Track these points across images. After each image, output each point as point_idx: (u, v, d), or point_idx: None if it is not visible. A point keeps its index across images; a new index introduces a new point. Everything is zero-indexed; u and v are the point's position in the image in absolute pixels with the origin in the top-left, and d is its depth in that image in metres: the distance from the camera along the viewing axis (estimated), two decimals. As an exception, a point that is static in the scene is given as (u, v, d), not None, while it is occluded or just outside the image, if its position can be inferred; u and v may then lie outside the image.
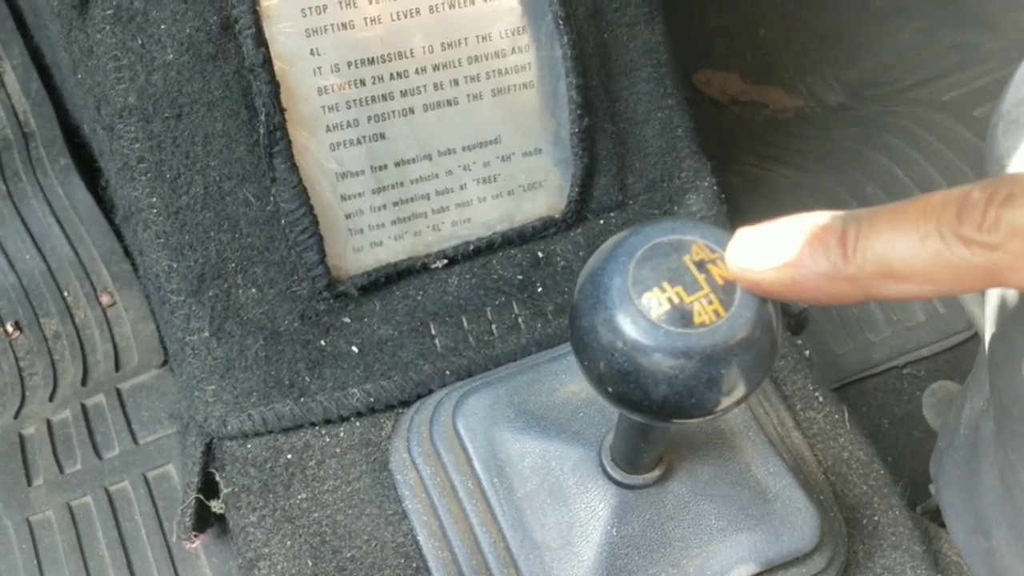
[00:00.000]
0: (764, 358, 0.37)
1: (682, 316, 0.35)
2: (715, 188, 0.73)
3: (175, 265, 0.63)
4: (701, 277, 0.35)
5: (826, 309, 0.87)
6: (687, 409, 0.36)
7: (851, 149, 1.00)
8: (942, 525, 0.67)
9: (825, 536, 0.58)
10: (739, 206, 0.86)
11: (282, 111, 0.62)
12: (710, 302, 0.35)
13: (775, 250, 0.33)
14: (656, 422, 0.41)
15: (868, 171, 0.96)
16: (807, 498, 0.57)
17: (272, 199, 0.64)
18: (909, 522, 0.64)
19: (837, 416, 0.67)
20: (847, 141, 1.02)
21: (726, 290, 0.35)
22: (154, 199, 0.63)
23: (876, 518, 0.64)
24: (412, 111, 0.66)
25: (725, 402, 0.37)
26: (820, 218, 0.33)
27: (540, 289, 0.69)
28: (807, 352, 0.74)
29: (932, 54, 1.14)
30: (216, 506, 0.65)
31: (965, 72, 1.10)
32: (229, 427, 0.63)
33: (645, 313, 0.35)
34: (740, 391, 0.37)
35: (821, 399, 0.68)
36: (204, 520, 0.68)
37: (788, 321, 0.74)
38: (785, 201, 0.94)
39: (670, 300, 0.35)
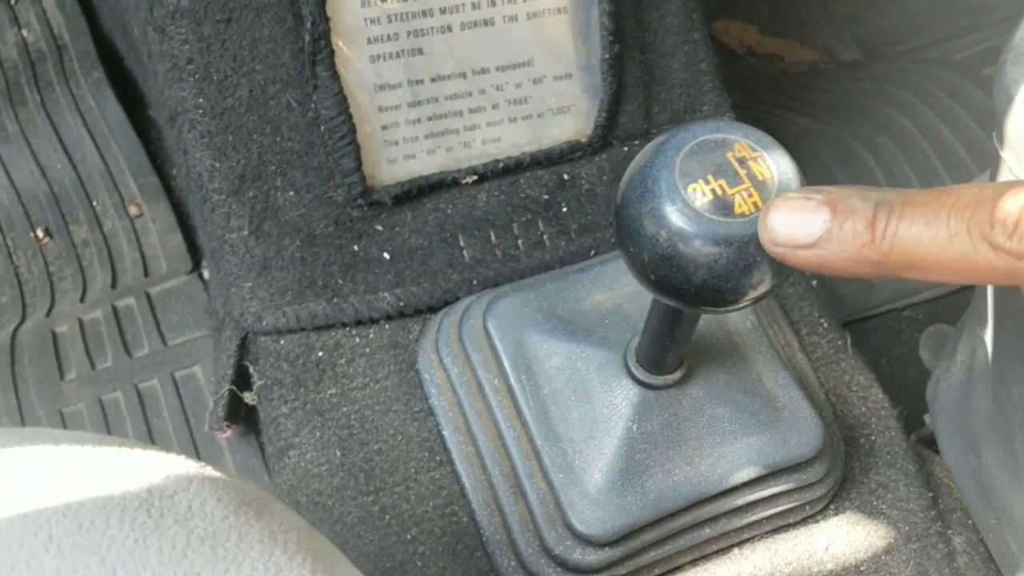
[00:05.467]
0: None
1: (724, 206, 0.38)
2: (734, 124, 0.76)
3: (218, 165, 0.66)
4: (742, 172, 0.38)
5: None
6: (721, 294, 0.39)
7: (862, 102, 1.03)
8: (935, 452, 0.71)
9: (826, 447, 0.62)
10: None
11: (327, 20, 0.65)
12: (750, 195, 0.38)
13: (805, 230, 0.35)
14: (691, 308, 0.44)
15: (878, 123, 0.98)
16: (812, 409, 0.60)
17: (313, 105, 0.66)
18: (904, 443, 0.68)
19: (840, 342, 0.71)
20: (859, 95, 1.05)
21: (764, 185, 0.38)
22: (201, 100, 0.65)
23: (873, 438, 0.68)
24: (450, 29, 0.68)
25: (753, 292, 0.40)
26: (852, 199, 0.33)
27: (565, 209, 0.71)
28: (813, 282, 0.77)
29: (946, 15, 1.16)
30: (249, 398, 0.68)
31: (977, 34, 1.12)
32: (264, 323, 0.66)
33: (690, 202, 0.38)
34: (768, 282, 0.40)
35: (825, 325, 0.71)
36: (235, 413, 0.71)
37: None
38: (797, 149, 0.96)
39: (713, 192, 0.38)
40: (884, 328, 0.90)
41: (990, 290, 0.58)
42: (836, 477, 0.64)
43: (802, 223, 0.35)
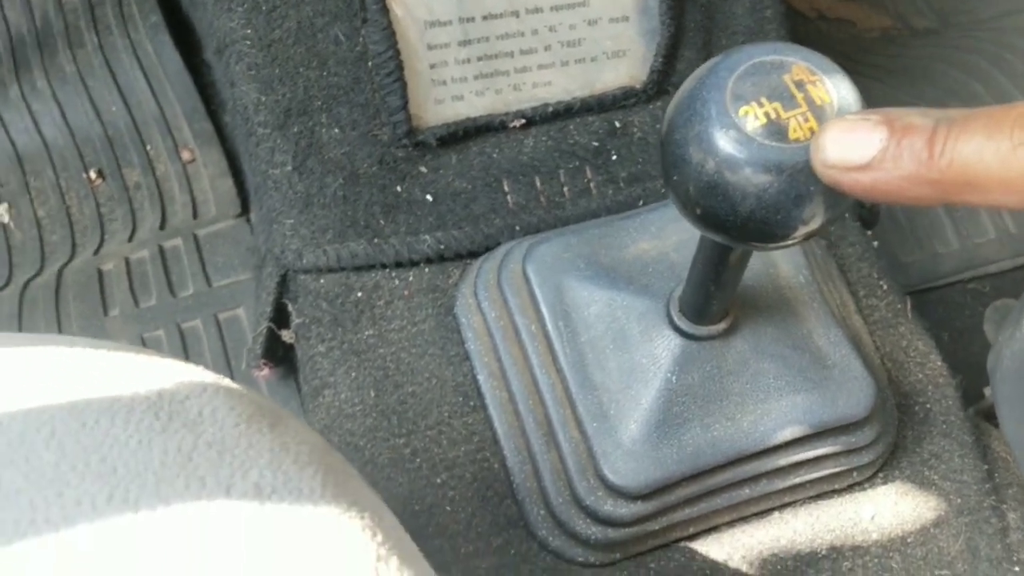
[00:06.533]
0: None
1: (777, 131, 0.35)
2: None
3: (263, 98, 0.65)
4: (800, 96, 0.36)
5: (896, 216, 0.87)
6: (771, 227, 0.37)
7: (934, 68, 0.99)
8: (994, 425, 0.68)
9: (877, 411, 0.59)
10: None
11: (378, -48, 0.63)
12: (806, 119, 0.35)
13: (860, 149, 0.32)
14: (738, 243, 0.42)
15: (948, 88, 0.94)
16: (864, 368, 0.58)
17: (361, 40, 0.65)
18: (961, 413, 0.65)
19: (899, 306, 0.68)
20: (931, 60, 1.00)
21: (822, 110, 0.35)
22: (248, 31, 0.64)
23: (929, 406, 0.65)
24: (504, -35, 0.66)
25: (804, 228, 0.37)
26: (911, 116, 0.31)
27: (615, 157, 0.69)
28: (875, 243, 0.74)
29: (1027, -17, 1.11)
30: (287, 336, 0.68)
31: (1061, 3, 1.07)
32: (304, 261, 0.65)
33: (741, 126, 0.35)
34: (821, 216, 0.37)
35: (885, 287, 0.68)
36: (273, 351, 0.70)
37: (860, 213, 0.74)
38: (864, 112, 0.93)
39: (767, 115, 0.35)
40: (948, 300, 0.86)
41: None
42: (887, 444, 0.61)
43: (857, 141, 0.32)
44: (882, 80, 0.98)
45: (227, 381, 0.36)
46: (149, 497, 0.30)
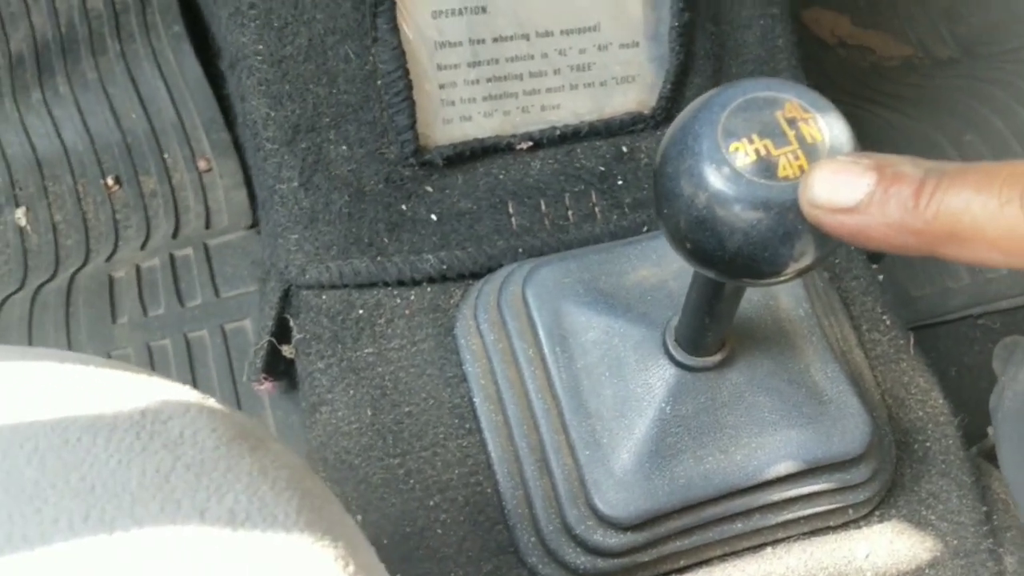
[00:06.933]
0: None
1: (767, 168, 0.35)
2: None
3: (273, 113, 0.65)
4: (791, 133, 0.35)
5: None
6: (759, 263, 0.37)
7: (953, 99, 0.98)
8: (995, 466, 0.67)
9: (873, 448, 0.58)
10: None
11: (390, -27, 0.64)
12: (796, 157, 0.35)
13: (847, 192, 0.32)
14: (727, 279, 0.41)
15: (967, 120, 0.93)
16: (861, 405, 0.57)
17: (371, 59, 0.65)
18: (961, 452, 0.64)
19: (902, 342, 0.67)
20: (950, 91, 1.00)
21: (814, 148, 0.35)
22: (260, 46, 0.65)
23: (928, 444, 0.64)
24: (516, -11, 0.67)
25: (793, 265, 0.37)
26: (903, 164, 0.31)
27: (621, 182, 0.69)
28: (880, 277, 0.73)
29: (1053, 17, 1.10)
30: (287, 351, 0.68)
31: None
32: (307, 276, 0.66)
33: (731, 162, 0.35)
34: (811, 255, 0.37)
35: (888, 323, 0.67)
36: (274, 365, 0.71)
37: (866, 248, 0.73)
38: (880, 142, 0.92)
39: (757, 151, 0.35)
40: (957, 335, 0.85)
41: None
42: (883, 481, 0.61)
43: (845, 184, 0.32)
44: (900, 110, 0.97)
45: (211, 401, 0.36)
46: (124, 518, 0.30)
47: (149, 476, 0.31)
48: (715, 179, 0.36)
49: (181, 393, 0.35)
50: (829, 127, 0.36)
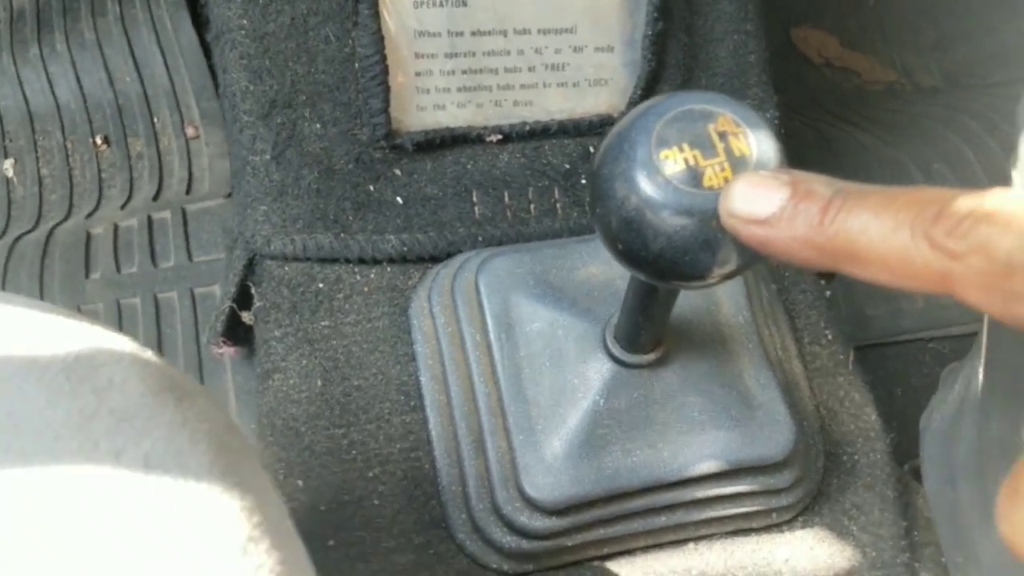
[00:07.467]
0: None
1: (694, 177, 0.37)
2: (776, 123, 0.75)
3: (251, 87, 0.67)
4: (720, 146, 0.37)
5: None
6: (681, 267, 0.39)
7: (928, 126, 1.00)
8: (922, 484, 0.69)
9: (798, 455, 0.61)
10: (803, 156, 0.87)
11: (374, -41, 0.65)
12: (723, 169, 0.37)
13: (761, 205, 0.34)
14: (655, 280, 0.43)
15: (939, 149, 0.95)
16: (788, 413, 0.59)
17: (351, 42, 0.67)
18: (888, 468, 0.66)
19: (841, 356, 0.69)
20: (927, 119, 1.02)
21: (740, 162, 0.37)
22: (244, 21, 0.67)
23: (856, 457, 0.66)
24: (497, -15, 0.68)
25: (717, 270, 0.39)
26: (817, 183, 0.33)
27: (584, 181, 0.71)
28: (827, 293, 0.75)
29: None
30: (247, 317, 0.70)
31: (1070, 76, 1.08)
32: (272, 247, 0.68)
33: (661, 169, 0.37)
34: (732, 263, 0.39)
35: (830, 337, 0.69)
36: (233, 331, 0.73)
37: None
38: (850, 163, 0.94)
39: (686, 160, 0.37)
40: (907, 356, 0.87)
41: (985, 319, 0.56)
42: (807, 489, 0.63)
43: (761, 197, 0.34)
44: (876, 133, 0.99)
45: (149, 354, 0.38)
46: (43, 454, 0.32)
47: (73, 417, 0.33)
48: (645, 184, 0.38)
49: (117, 342, 0.37)
50: (758, 143, 0.38)
